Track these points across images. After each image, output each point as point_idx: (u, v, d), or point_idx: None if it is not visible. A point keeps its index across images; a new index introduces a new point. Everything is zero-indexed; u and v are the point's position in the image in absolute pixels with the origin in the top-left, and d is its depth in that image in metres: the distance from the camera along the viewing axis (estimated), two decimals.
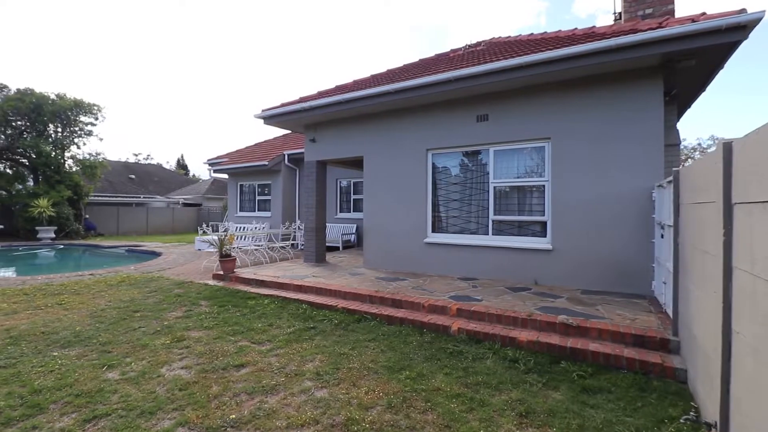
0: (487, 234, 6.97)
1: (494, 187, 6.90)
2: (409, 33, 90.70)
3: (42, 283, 7.66)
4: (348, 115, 8.48)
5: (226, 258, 7.79)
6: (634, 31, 5.53)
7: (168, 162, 57.88)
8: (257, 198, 16.27)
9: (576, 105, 6.15)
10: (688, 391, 3.31)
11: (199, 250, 13.75)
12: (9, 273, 11.60)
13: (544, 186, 6.46)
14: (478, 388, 3.29)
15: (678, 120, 7.62)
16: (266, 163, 14.61)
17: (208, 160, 18.37)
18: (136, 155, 55.34)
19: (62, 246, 16.79)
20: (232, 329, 4.77)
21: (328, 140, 9.06)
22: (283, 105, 9.05)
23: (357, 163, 10.38)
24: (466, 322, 4.68)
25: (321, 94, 8.89)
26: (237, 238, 10.70)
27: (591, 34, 6.41)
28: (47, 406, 2.96)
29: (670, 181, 4.52)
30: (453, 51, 10.36)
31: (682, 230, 3.75)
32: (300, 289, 6.47)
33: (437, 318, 4.86)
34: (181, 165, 57.58)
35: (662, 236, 4.98)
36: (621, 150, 5.82)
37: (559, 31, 8.02)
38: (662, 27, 5.40)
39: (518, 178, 6.75)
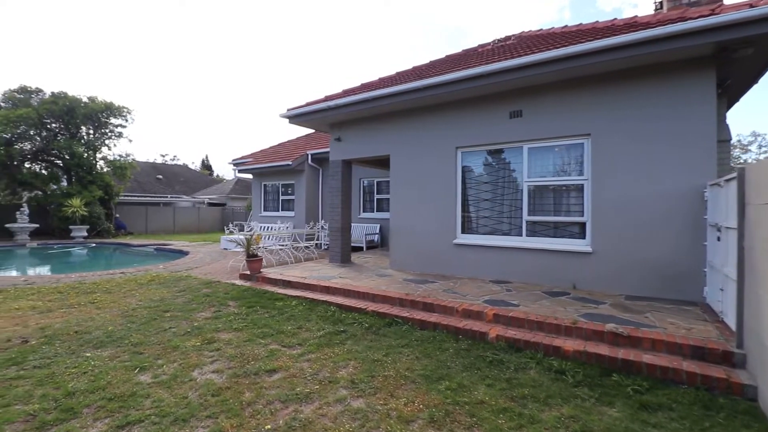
0: (521, 235, 6.67)
1: (528, 187, 6.60)
2: (426, 33, 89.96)
3: (75, 282, 7.82)
4: (374, 113, 8.32)
5: (252, 258, 7.76)
6: (684, 19, 5.14)
7: (193, 162, 59.30)
8: (281, 198, 16.35)
9: (618, 99, 5.79)
10: (759, 410, 3.00)
11: (225, 249, 13.89)
12: (44, 270, 12.00)
13: (582, 185, 6.13)
14: (526, 402, 3.05)
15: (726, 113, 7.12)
16: (290, 162, 14.65)
17: (233, 160, 18.60)
18: (163, 156, 57.01)
19: (94, 244, 17.32)
20: (261, 331, 4.68)
21: (354, 139, 8.93)
22: (308, 104, 8.98)
23: (382, 163, 10.23)
24: (504, 329, 4.44)
25: (346, 93, 8.77)
26: (263, 238, 10.72)
27: (633, 24, 6.04)
28: (80, 410, 2.90)
29: (729, 180, 4.16)
30: (481, 46, 10.07)
31: (750, 233, 3.41)
32: (328, 290, 6.35)
33: (473, 324, 4.63)
34: (206, 165, 58.90)
35: (718, 239, 4.60)
36: (669, 146, 5.44)
37: (596, 22, 7.64)
38: (715, 14, 5.01)
39: (554, 176, 6.43)
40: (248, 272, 7.85)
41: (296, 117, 9.09)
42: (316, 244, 12.45)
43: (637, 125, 5.65)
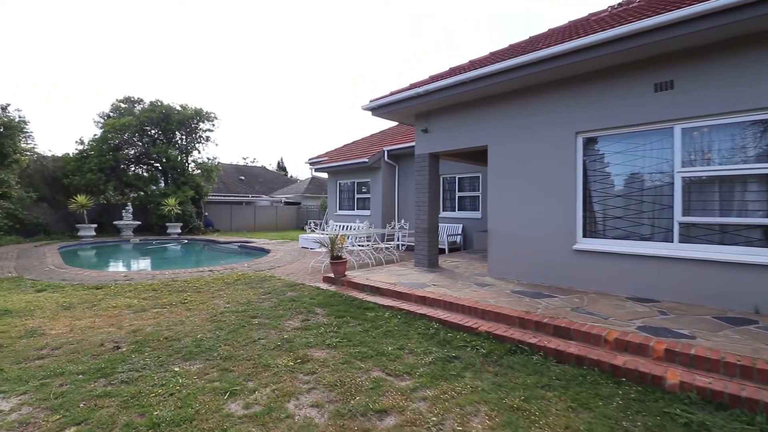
0: (670, 241, 5.24)
1: (682, 179, 5.14)
2: (497, 21, 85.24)
3: (168, 279, 7.92)
4: (469, 98, 7.32)
5: (337, 260, 7.21)
6: None
7: (270, 164, 62.66)
8: (356, 196, 15.99)
9: None
10: None
11: (304, 248, 13.81)
12: (143, 265, 12.82)
13: None
14: None
15: None
16: (366, 160, 14.16)
17: (309, 159, 18.72)
18: (245, 159, 60.90)
19: (186, 240, 18.49)
20: (359, 351, 3.97)
21: (443, 129, 8.01)
22: (392, 93, 8.25)
23: (474, 156, 9.20)
24: (688, 373, 3.21)
25: (434, 78, 7.88)
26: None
27: None
28: None
29: None
30: (592, 14, 8.55)
31: None
32: (424, 301, 5.51)
33: (635, 361, 3.46)
34: (281, 167, 61.95)
35: None
36: None
37: None
38: None
39: (722, 164, 4.91)
40: (332, 275, 7.32)
41: (379, 108, 8.41)
42: (398, 245, 11.72)
43: None
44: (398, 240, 13.14)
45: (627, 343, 3.67)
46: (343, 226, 12.18)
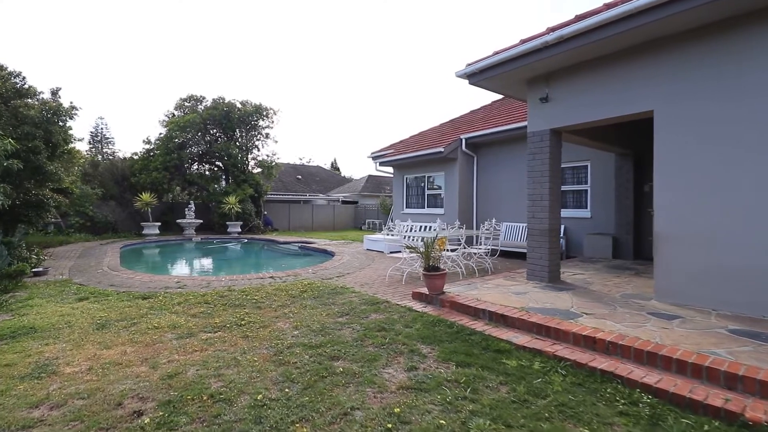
0: None
1: None
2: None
3: (224, 288, 6.63)
4: (618, 47, 5.21)
5: (433, 272, 5.44)
6: None
7: (325, 164, 62.79)
8: (426, 192, 14.16)
9: None
10: None
11: (369, 250, 12.25)
12: (202, 265, 11.97)
13: None
14: None
15: None
16: (441, 149, 12.28)
17: (372, 153, 17.23)
18: (301, 159, 61.53)
19: (246, 240, 17.80)
20: None
21: (572, 96, 5.93)
22: (497, 52, 6.31)
23: (605, 133, 7.03)
24: None
25: (551, 30, 5.84)
26: (409, 239, 8.36)
27: None
28: None
29: None
30: None
31: None
32: (593, 345, 3.54)
33: None
34: (335, 167, 61.81)
35: None
36: None
37: None
38: None
39: None
40: (425, 291, 5.57)
41: (480, 73, 6.52)
42: (494, 250, 9.64)
43: None
44: (481, 243, 11.11)
45: None
46: (422, 227, 10.39)
